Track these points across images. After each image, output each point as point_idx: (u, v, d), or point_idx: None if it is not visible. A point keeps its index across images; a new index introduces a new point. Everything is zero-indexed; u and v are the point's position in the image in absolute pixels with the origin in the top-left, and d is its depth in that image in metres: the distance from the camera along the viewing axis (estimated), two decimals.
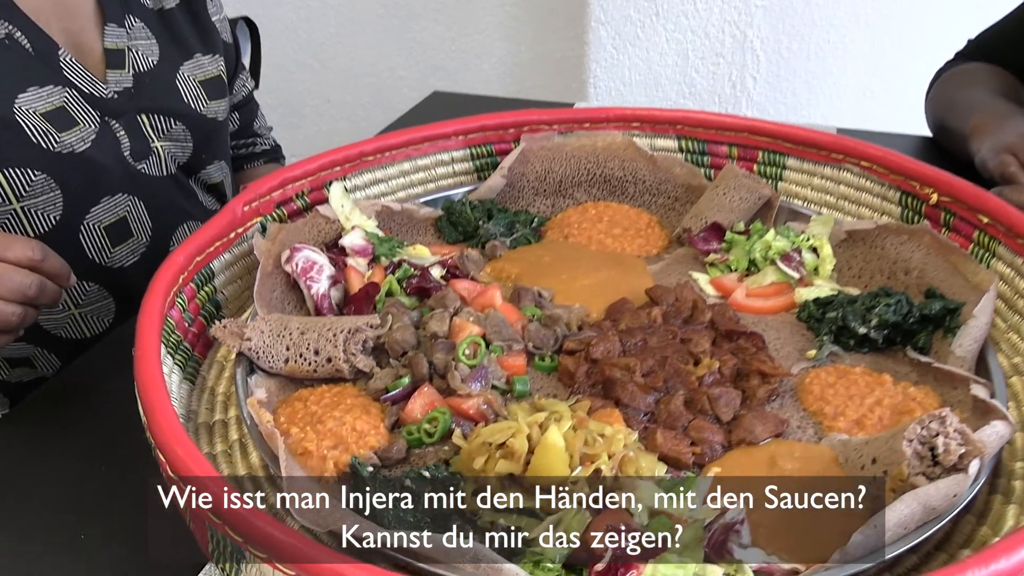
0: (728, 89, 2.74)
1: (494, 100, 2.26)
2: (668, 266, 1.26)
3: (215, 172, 1.51)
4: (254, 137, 1.72)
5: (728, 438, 0.92)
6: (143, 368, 0.84)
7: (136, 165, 1.31)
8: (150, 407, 0.79)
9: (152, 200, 1.36)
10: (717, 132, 1.43)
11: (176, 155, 1.39)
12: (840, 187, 1.35)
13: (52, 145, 1.18)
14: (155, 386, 0.81)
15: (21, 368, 1.34)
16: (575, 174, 1.42)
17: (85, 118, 1.23)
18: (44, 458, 1.01)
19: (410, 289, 1.17)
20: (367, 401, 0.98)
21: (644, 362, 0.99)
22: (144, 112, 1.32)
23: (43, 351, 1.34)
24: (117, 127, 1.28)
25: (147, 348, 0.87)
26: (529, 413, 0.90)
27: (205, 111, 1.42)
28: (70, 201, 1.23)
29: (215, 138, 1.47)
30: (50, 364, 1.35)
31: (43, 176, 1.18)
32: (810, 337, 1.10)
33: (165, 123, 1.35)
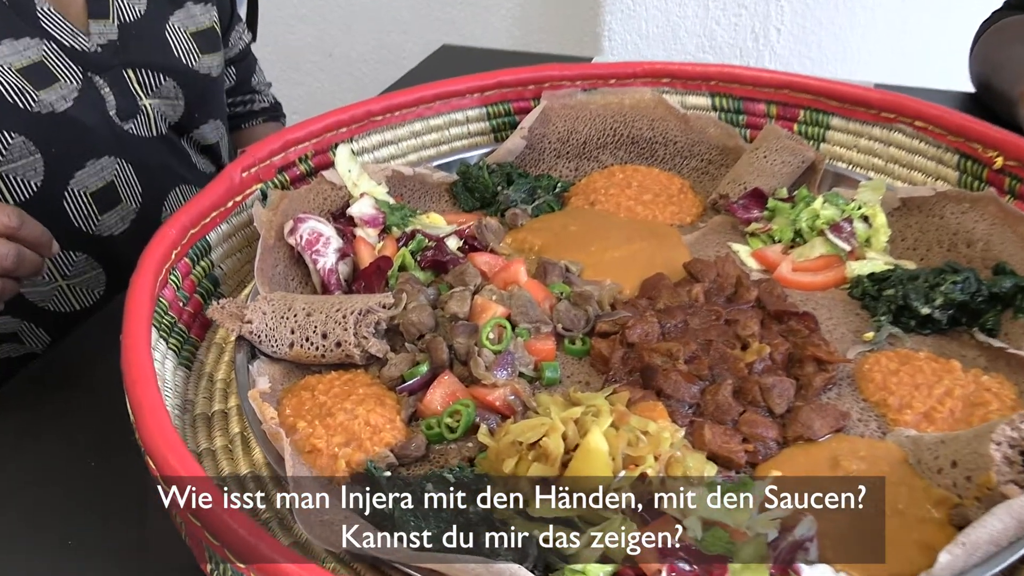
0: (750, 42, 2.61)
1: (508, 54, 2.14)
2: (704, 236, 1.16)
3: (210, 132, 1.40)
4: (252, 94, 1.61)
5: (783, 433, 0.83)
6: (131, 360, 0.75)
7: (123, 125, 1.21)
8: (138, 406, 0.70)
9: (141, 163, 1.25)
10: (755, 88, 1.32)
11: (167, 114, 1.28)
12: (890, 149, 1.25)
13: (30, 104, 1.08)
14: (144, 383, 0.72)
15: (9, 344, 1.25)
16: (600, 135, 1.31)
17: (66, 74, 1.12)
18: (28, 451, 0.92)
19: (425, 263, 1.07)
20: (381, 390, 0.88)
21: (687, 347, 0.89)
22: (131, 67, 1.21)
23: (30, 326, 1.25)
24: (101, 83, 1.18)
25: (136, 337, 0.78)
26: (562, 407, 0.81)
27: (197, 66, 1.31)
28: (52, 165, 1.13)
29: (209, 95, 1.36)
30: (39, 339, 1.26)
31: (21, 139, 1.08)
32: (865, 317, 1.00)
33: (154, 79, 1.24)
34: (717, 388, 0.86)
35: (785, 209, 1.13)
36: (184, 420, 0.88)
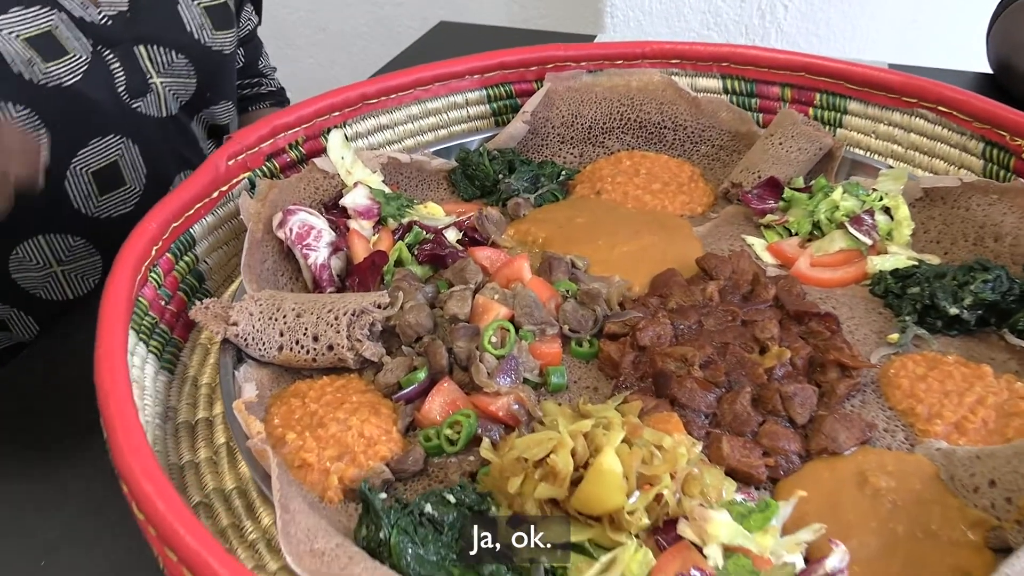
0: (756, 19, 2.53)
1: (509, 31, 2.06)
2: (717, 228, 1.10)
3: (221, 113, 1.34)
4: (259, 77, 1.55)
5: (805, 446, 0.78)
6: (105, 373, 0.69)
7: (132, 103, 1.14)
8: (112, 428, 0.64)
9: (148, 144, 1.19)
10: (769, 71, 1.25)
11: (178, 93, 1.21)
12: (911, 135, 1.18)
13: (36, 76, 1.02)
14: (118, 400, 0.66)
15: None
16: (606, 119, 1.25)
17: (76, 46, 1.06)
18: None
19: (422, 257, 1.01)
20: (376, 398, 0.83)
21: (702, 351, 0.84)
22: (142, 42, 1.15)
23: (19, 313, 1.19)
24: (111, 58, 1.11)
25: (110, 346, 0.72)
26: (571, 419, 0.75)
27: (210, 42, 1.24)
28: (55, 142, 1.07)
29: (221, 74, 1.30)
30: (27, 329, 1.21)
31: (25, 111, 1.02)
32: (888, 316, 0.95)
33: (166, 56, 1.17)
34: (735, 396, 0.80)
35: (802, 200, 1.07)
36: (166, 430, 0.83)
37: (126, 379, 0.68)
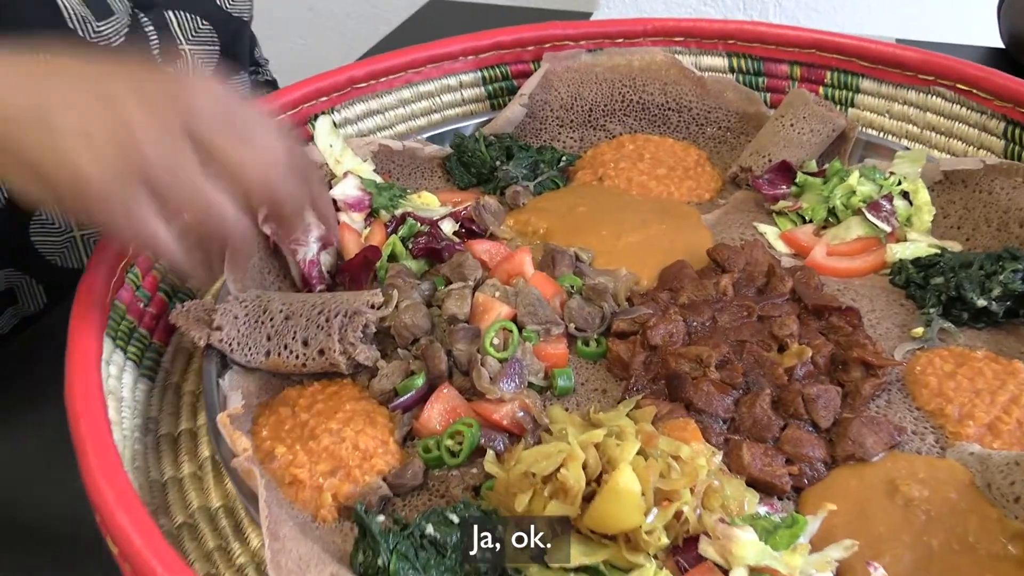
0: None
1: (502, 9, 1.99)
2: (726, 215, 1.05)
3: (241, 88, 1.31)
4: (255, 66, 1.50)
5: (831, 452, 0.73)
6: (76, 390, 0.63)
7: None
8: (84, 453, 0.59)
9: None
10: (777, 48, 1.20)
11: (204, 61, 1.19)
12: (927, 115, 1.13)
13: (90, 34, 0.98)
14: (91, 422, 0.61)
15: (3, 317, 1.13)
16: (608, 100, 1.19)
17: (119, 6, 1.03)
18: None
19: (417, 251, 0.96)
20: (371, 406, 0.77)
21: (717, 349, 0.79)
22: (172, 8, 1.13)
23: (31, 281, 1.14)
24: (147, 22, 1.08)
25: (82, 359, 0.66)
26: (581, 428, 0.70)
27: (231, 7, 1.22)
28: None
29: (239, 40, 1.28)
30: (35, 300, 1.15)
31: None
32: (911, 308, 0.90)
33: (193, 23, 1.15)
34: (754, 399, 0.75)
35: (816, 184, 1.02)
36: (146, 443, 0.77)
37: (100, 401, 0.63)
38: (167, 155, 0.60)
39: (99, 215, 0.59)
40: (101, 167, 0.58)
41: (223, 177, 0.63)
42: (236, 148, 0.64)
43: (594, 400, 0.80)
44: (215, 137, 0.63)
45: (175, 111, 0.61)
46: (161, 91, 0.63)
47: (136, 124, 0.59)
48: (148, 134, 0.60)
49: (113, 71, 0.64)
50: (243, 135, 0.64)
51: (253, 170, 0.64)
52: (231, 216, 0.64)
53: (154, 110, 0.61)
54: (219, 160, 0.63)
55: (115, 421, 0.72)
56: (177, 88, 0.63)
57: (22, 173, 0.60)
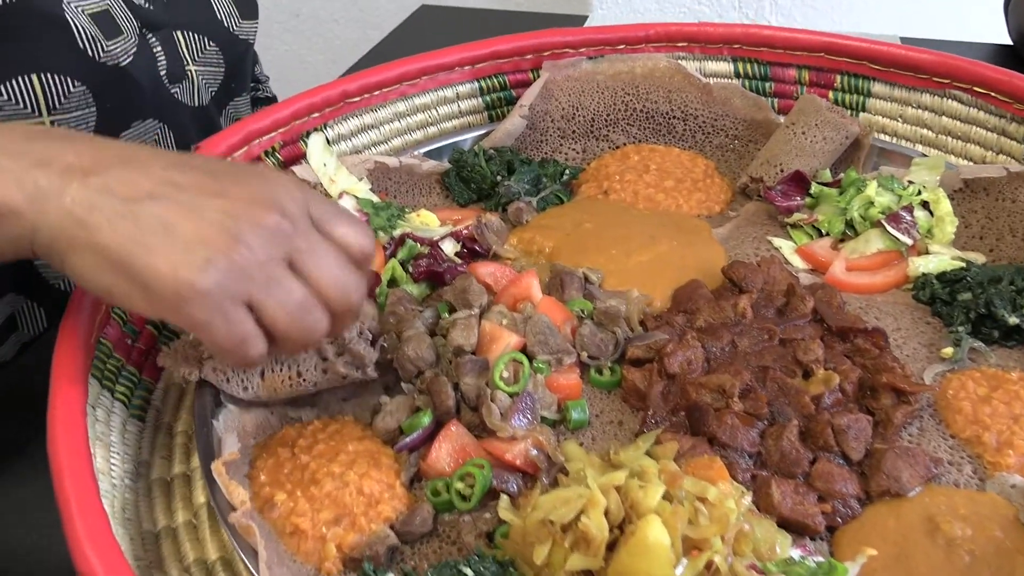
0: None
1: (495, 14, 1.95)
2: (739, 229, 1.01)
3: (243, 106, 1.29)
4: (256, 83, 1.46)
5: (864, 486, 0.69)
6: (59, 443, 0.59)
7: (170, 89, 1.09)
8: (70, 518, 0.54)
9: (181, 131, 1.14)
10: (785, 52, 1.16)
11: (209, 82, 1.17)
12: (942, 119, 1.09)
13: (99, 54, 0.95)
14: (76, 480, 0.56)
15: (4, 345, 1.08)
16: (610, 109, 1.15)
17: (128, 27, 1.00)
18: None
19: (418, 274, 0.92)
20: (375, 446, 0.73)
21: (739, 377, 0.74)
22: (180, 28, 1.10)
23: (32, 305, 1.09)
24: (155, 42, 1.06)
25: (65, 408, 0.62)
26: (600, 469, 0.66)
27: (238, 31, 1.19)
28: (103, 121, 1.00)
29: (244, 63, 1.25)
30: (36, 324, 1.11)
31: (82, 88, 0.96)
32: (937, 325, 0.86)
33: (200, 43, 1.13)
34: (780, 431, 0.71)
35: (831, 195, 0.98)
36: (138, 490, 0.73)
37: (86, 458, 0.58)
38: (271, 267, 0.60)
39: (198, 320, 0.58)
40: (211, 275, 0.57)
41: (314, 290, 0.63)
42: (331, 267, 0.64)
43: (610, 433, 0.76)
44: (310, 251, 0.63)
45: (275, 219, 0.61)
46: (260, 194, 0.62)
47: (246, 232, 0.59)
48: (257, 244, 0.59)
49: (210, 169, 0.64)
50: (333, 251, 0.65)
51: (342, 293, 0.64)
52: (322, 332, 0.64)
53: (258, 219, 0.60)
54: (313, 277, 0.63)
55: (103, 471, 0.68)
56: (271, 191, 0.63)
57: (110, 269, 0.58)
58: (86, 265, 0.58)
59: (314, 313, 0.63)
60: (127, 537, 0.67)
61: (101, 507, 0.56)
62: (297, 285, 0.62)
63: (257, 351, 0.61)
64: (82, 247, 0.58)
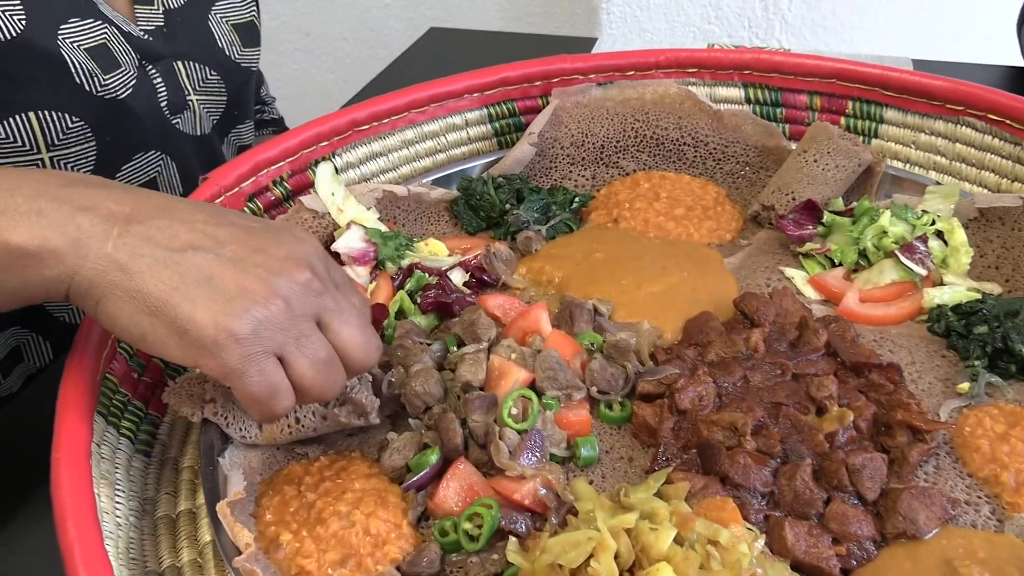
0: (759, 11, 2.42)
1: (503, 36, 1.95)
2: (750, 258, 1.00)
3: (246, 133, 1.30)
4: (261, 104, 1.47)
5: (879, 528, 0.68)
6: (63, 489, 0.58)
7: (171, 119, 1.10)
8: (70, 555, 0.54)
9: (184, 162, 1.14)
10: (795, 78, 1.15)
11: (211, 111, 1.18)
12: (956, 146, 1.08)
13: (96, 87, 0.96)
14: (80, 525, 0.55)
15: (10, 377, 1.08)
16: (620, 136, 1.14)
17: (126, 59, 1.01)
18: None
19: (426, 306, 0.91)
20: (381, 483, 0.72)
21: (751, 414, 0.73)
22: (180, 58, 1.10)
23: (38, 338, 1.10)
24: (155, 74, 1.06)
25: (69, 450, 0.61)
26: (610, 511, 0.65)
27: (240, 59, 1.20)
28: (103, 155, 1.01)
29: (247, 90, 1.26)
30: (42, 356, 1.11)
31: (80, 123, 0.97)
32: (953, 359, 0.85)
33: (201, 73, 1.13)
34: (794, 470, 0.70)
35: (844, 225, 0.97)
36: (143, 528, 0.72)
37: (90, 503, 0.57)
38: (304, 322, 0.63)
39: (233, 368, 0.60)
40: (249, 324, 0.60)
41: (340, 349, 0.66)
42: (355, 327, 0.67)
43: (620, 470, 0.75)
44: (338, 311, 0.66)
45: (308, 277, 0.64)
46: (294, 253, 0.65)
47: (284, 288, 0.62)
48: (293, 299, 0.62)
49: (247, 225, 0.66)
50: (356, 312, 0.68)
51: (365, 352, 0.67)
52: (340, 388, 0.67)
53: (295, 276, 0.63)
54: (341, 335, 0.66)
55: (108, 510, 0.67)
56: (304, 251, 0.66)
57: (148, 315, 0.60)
58: (123, 310, 0.60)
59: (338, 370, 0.65)
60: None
61: (104, 554, 0.55)
62: (324, 342, 0.64)
63: (285, 404, 0.63)
64: (122, 292, 0.59)
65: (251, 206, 0.97)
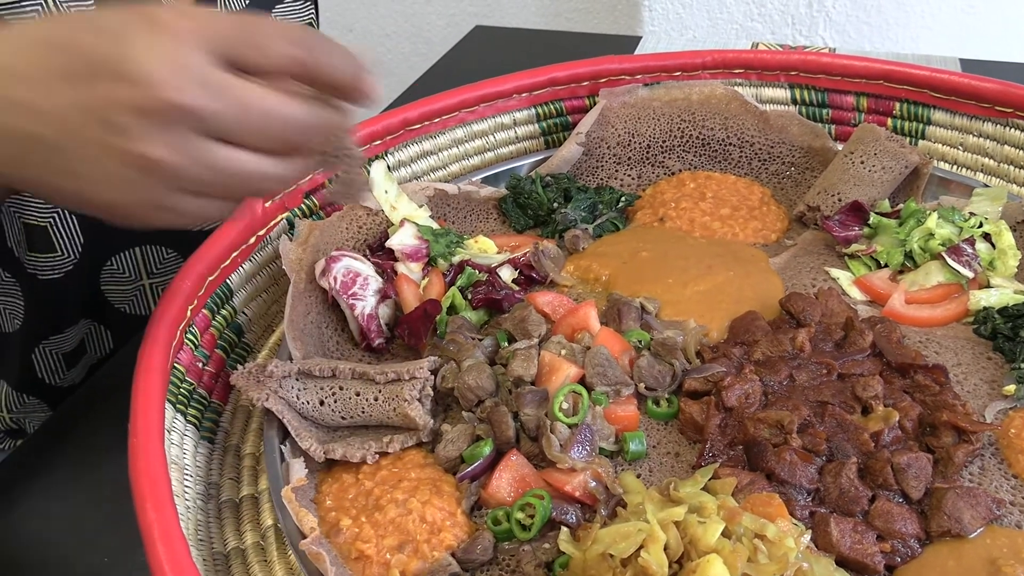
0: (803, 8, 2.41)
1: (550, 35, 1.97)
2: (796, 259, 1.01)
3: None
4: None
5: (924, 526, 0.69)
6: (142, 476, 0.61)
7: None
8: (149, 534, 0.57)
9: None
10: (843, 79, 1.15)
11: None
12: (1004, 148, 1.08)
13: None
14: (158, 506, 0.59)
15: (74, 369, 1.13)
16: (666, 136, 1.16)
17: None
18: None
19: (477, 301, 0.93)
20: (436, 473, 0.75)
21: (797, 412, 0.75)
22: None
23: (100, 328, 1.14)
24: None
25: (145, 435, 0.64)
26: (659, 504, 0.67)
27: None
28: None
29: None
30: (102, 347, 1.15)
31: None
32: (998, 361, 0.85)
33: None
34: (839, 468, 0.71)
35: (891, 226, 0.98)
36: (208, 511, 0.75)
37: (166, 480, 0.61)
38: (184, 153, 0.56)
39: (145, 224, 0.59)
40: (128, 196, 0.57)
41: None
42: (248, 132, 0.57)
43: (667, 464, 0.77)
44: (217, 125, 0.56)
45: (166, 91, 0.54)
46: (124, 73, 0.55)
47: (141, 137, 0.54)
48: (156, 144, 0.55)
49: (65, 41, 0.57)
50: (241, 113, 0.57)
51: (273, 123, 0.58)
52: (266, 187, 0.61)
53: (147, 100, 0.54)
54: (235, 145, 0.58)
55: (178, 493, 0.70)
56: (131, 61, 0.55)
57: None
58: None
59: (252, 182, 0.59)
60: (200, 559, 0.69)
61: (181, 534, 0.58)
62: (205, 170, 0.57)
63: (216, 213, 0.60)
64: None
65: (307, 202, 1.00)
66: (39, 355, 1.05)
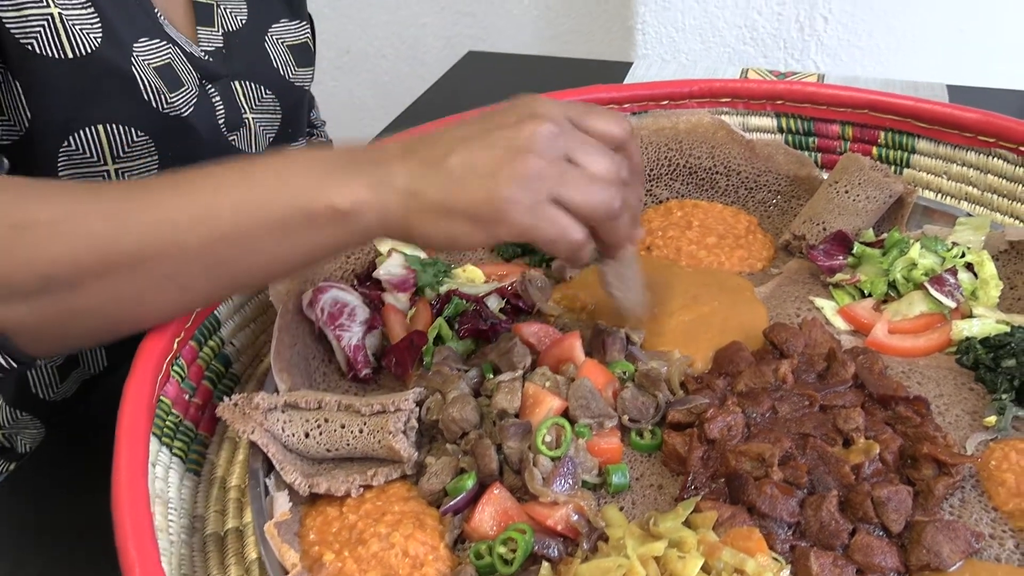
0: (795, 32, 2.43)
1: (542, 60, 1.98)
2: (781, 288, 1.01)
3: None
4: (312, 128, 1.52)
5: (903, 559, 0.69)
6: (124, 513, 0.62)
7: (228, 136, 1.14)
8: (130, 572, 0.57)
9: None
10: (828, 108, 1.17)
11: (266, 129, 1.22)
12: (988, 177, 1.09)
13: (162, 105, 1.01)
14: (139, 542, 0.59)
15: (67, 381, 1.13)
16: (653, 164, 1.17)
17: (189, 79, 1.06)
18: None
19: (463, 331, 0.94)
20: (419, 506, 0.75)
21: (779, 444, 0.75)
22: (238, 78, 1.15)
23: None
24: (213, 93, 1.11)
25: (129, 470, 0.65)
26: (639, 539, 0.67)
27: (293, 78, 1.25)
28: (164, 168, 1.05)
29: (300, 108, 1.31)
30: (97, 362, 1.16)
31: (145, 138, 1.01)
32: (980, 392, 0.86)
33: (257, 91, 1.18)
34: (820, 501, 0.72)
35: (874, 256, 0.99)
36: (192, 545, 0.76)
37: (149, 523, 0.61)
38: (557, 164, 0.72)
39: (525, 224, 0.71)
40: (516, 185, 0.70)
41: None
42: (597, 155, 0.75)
43: (650, 497, 0.77)
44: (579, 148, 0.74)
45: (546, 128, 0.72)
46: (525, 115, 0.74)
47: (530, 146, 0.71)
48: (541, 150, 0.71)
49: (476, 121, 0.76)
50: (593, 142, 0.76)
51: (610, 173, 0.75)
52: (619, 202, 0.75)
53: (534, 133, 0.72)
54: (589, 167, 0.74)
55: (162, 527, 0.71)
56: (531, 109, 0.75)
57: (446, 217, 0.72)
58: (427, 223, 0.72)
59: (607, 189, 0.74)
60: None
61: (162, 571, 0.59)
62: (580, 172, 0.73)
63: (578, 236, 0.73)
64: (419, 211, 0.71)
65: None
66: (34, 368, 1.05)
